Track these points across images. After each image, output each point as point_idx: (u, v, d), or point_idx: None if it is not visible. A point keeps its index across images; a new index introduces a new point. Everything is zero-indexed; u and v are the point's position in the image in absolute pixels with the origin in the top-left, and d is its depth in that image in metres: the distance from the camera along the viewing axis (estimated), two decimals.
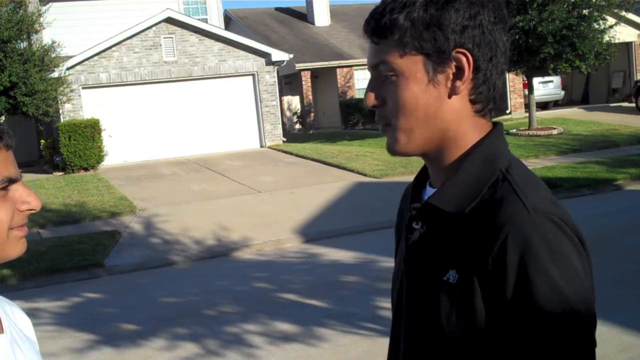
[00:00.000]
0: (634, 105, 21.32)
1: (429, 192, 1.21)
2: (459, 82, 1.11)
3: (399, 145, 1.16)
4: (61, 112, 17.74)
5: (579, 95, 26.18)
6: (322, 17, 28.25)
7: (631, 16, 21.96)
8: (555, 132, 17.62)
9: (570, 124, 19.20)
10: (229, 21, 28.09)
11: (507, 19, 1.16)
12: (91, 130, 17.15)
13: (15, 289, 8.09)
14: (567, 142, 16.32)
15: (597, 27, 16.56)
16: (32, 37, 16.35)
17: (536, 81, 21.03)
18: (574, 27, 16.03)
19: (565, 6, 16.27)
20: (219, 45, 19.48)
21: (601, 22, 16.67)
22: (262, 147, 19.82)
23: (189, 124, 19.29)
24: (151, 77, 18.87)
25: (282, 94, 24.93)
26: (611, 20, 17.55)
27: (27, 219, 1.18)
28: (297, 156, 17.06)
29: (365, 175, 13.69)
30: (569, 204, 9.62)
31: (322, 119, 26.57)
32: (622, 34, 19.89)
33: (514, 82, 22.33)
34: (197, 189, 13.77)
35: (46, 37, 17.73)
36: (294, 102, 27.21)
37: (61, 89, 16.63)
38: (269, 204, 11.98)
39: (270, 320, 6.16)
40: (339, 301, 6.57)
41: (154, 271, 8.76)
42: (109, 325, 6.51)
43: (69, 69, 17.60)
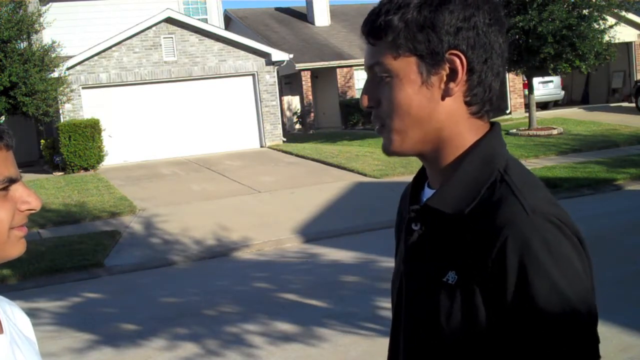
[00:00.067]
0: (634, 105, 21.31)
1: (428, 193, 1.21)
2: (452, 84, 1.11)
3: (393, 145, 1.17)
4: (61, 112, 17.75)
5: (579, 95, 26.17)
6: (322, 17, 28.25)
7: (631, 16, 21.96)
8: (555, 132, 17.62)
9: (570, 124, 19.20)
10: (229, 21, 28.09)
11: (503, 20, 1.15)
12: (91, 130, 17.15)
13: (15, 289, 8.09)
14: (567, 142, 16.32)
15: (597, 27, 16.56)
16: (32, 37, 16.36)
17: (536, 81, 21.02)
18: (574, 27, 16.04)
19: (565, 6, 16.27)
20: (219, 45, 19.48)
21: (601, 22, 16.67)
22: (262, 147, 19.83)
23: (189, 124, 19.29)
24: (151, 77, 18.87)
25: (282, 94, 24.93)
26: (611, 20, 17.55)
27: (27, 219, 1.18)
28: (297, 156, 17.06)
29: (365, 175, 13.69)
30: (569, 204, 9.62)
31: (322, 119, 26.57)
32: (622, 34, 19.89)
33: (514, 82, 22.33)
34: (197, 189, 13.77)
35: (46, 37, 17.74)
36: (294, 102, 27.21)
37: (61, 89, 16.64)
38: (269, 204, 11.99)
39: (270, 320, 6.16)
40: (339, 301, 6.57)
41: (154, 271, 8.76)
42: (109, 325, 6.51)
43: (69, 69, 17.60)
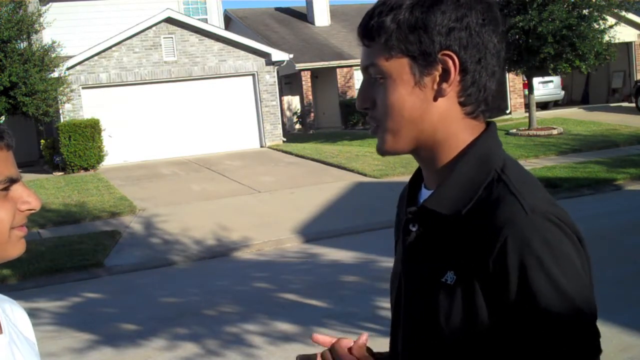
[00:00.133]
0: (634, 105, 21.31)
1: (425, 194, 1.21)
2: (445, 85, 1.11)
3: (386, 145, 1.17)
4: (61, 112, 17.75)
5: (579, 95, 26.16)
6: (322, 17, 28.25)
7: (631, 16, 21.96)
8: (555, 132, 17.62)
9: (570, 124, 19.19)
10: (229, 21, 28.09)
11: (498, 20, 1.14)
12: (91, 130, 17.15)
13: (15, 289, 8.09)
14: (567, 142, 16.32)
15: (597, 27, 16.56)
16: (32, 37, 16.36)
17: (536, 81, 21.01)
18: (574, 27, 16.03)
19: (565, 6, 16.27)
20: (219, 45, 19.48)
21: (601, 22, 16.66)
22: (262, 147, 19.83)
23: (189, 124, 19.29)
24: (151, 77, 18.87)
25: (282, 94, 24.93)
26: (611, 20, 17.55)
27: (26, 219, 1.18)
28: (297, 156, 17.06)
29: (365, 175, 13.69)
30: (569, 204, 9.62)
31: (322, 119, 26.56)
32: (622, 34, 19.89)
33: (514, 82, 22.32)
34: (197, 189, 13.77)
35: (46, 37, 17.73)
36: (294, 102, 27.21)
37: (61, 89, 16.64)
38: (269, 204, 11.99)
39: (270, 320, 6.16)
40: (339, 301, 6.57)
41: (154, 271, 8.76)
42: (109, 325, 6.51)
43: (69, 69, 17.60)
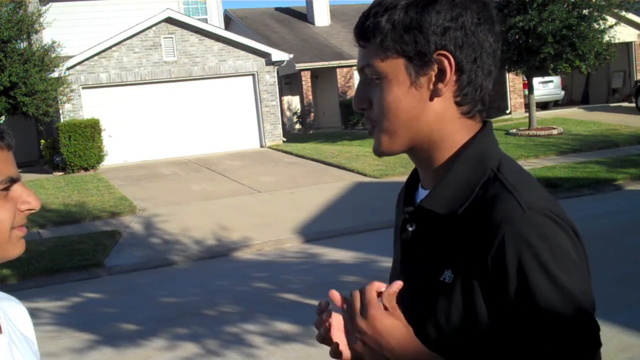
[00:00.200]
0: (634, 105, 21.30)
1: (422, 194, 1.21)
2: (441, 85, 1.11)
3: (382, 146, 1.17)
4: (61, 112, 17.75)
5: (579, 95, 26.15)
6: (322, 17, 28.25)
7: (631, 16, 21.95)
8: (555, 132, 17.62)
9: (570, 124, 19.19)
10: (229, 21, 28.09)
11: (494, 19, 1.14)
12: (91, 130, 17.15)
13: (15, 289, 8.08)
14: (567, 142, 16.31)
15: (597, 27, 16.56)
16: (32, 37, 16.36)
17: (536, 81, 21.00)
18: (574, 27, 16.03)
19: (565, 6, 16.27)
20: (219, 45, 19.48)
21: (601, 22, 16.66)
22: (262, 147, 19.82)
23: (189, 124, 19.29)
24: (151, 77, 18.87)
25: (282, 94, 24.93)
26: (611, 20, 17.54)
27: (26, 219, 1.18)
28: (297, 156, 17.06)
29: (365, 175, 13.69)
30: (568, 204, 9.61)
31: (322, 119, 26.56)
32: (622, 34, 19.88)
33: (514, 82, 22.31)
34: (197, 189, 13.77)
35: (46, 37, 17.74)
36: (294, 102, 27.21)
37: (61, 89, 16.64)
38: (269, 204, 11.99)
39: (270, 320, 6.16)
40: None
41: (154, 271, 8.76)
42: (109, 325, 6.51)
43: (69, 69, 17.60)
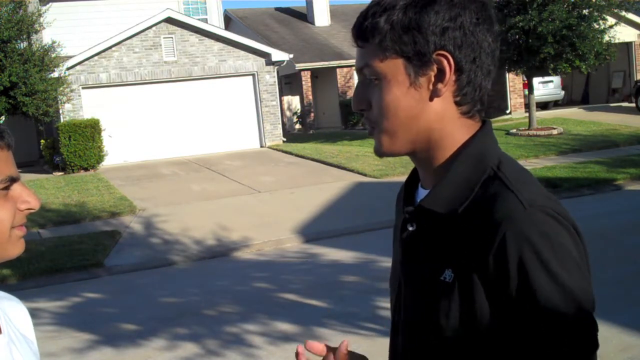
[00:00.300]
0: (634, 105, 21.30)
1: (421, 194, 1.21)
2: (440, 85, 1.11)
3: (383, 147, 1.17)
4: (61, 112, 17.75)
5: (579, 95, 26.15)
6: (322, 17, 28.26)
7: (631, 16, 21.95)
8: (555, 132, 17.61)
9: (570, 124, 19.19)
10: (229, 21, 28.09)
11: (492, 18, 1.14)
12: (91, 130, 17.15)
13: (15, 289, 8.08)
14: (567, 142, 16.31)
15: (597, 27, 16.56)
16: (32, 37, 16.36)
17: (536, 81, 21.01)
18: (574, 27, 16.03)
19: (565, 6, 16.27)
20: (219, 45, 19.48)
21: (601, 22, 16.66)
22: (262, 147, 19.82)
23: (189, 124, 19.29)
24: (151, 77, 18.87)
25: (282, 94, 24.93)
26: (611, 20, 17.55)
27: (26, 219, 1.18)
28: (297, 156, 17.06)
29: (365, 175, 13.69)
30: (569, 204, 9.62)
31: (322, 119, 26.57)
32: (622, 34, 19.88)
33: (514, 82, 22.31)
34: (197, 189, 13.77)
35: (46, 37, 17.74)
36: (294, 102, 27.21)
37: (61, 89, 16.64)
38: (269, 204, 11.99)
39: (270, 320, 6.17)
40: (339, 301, 6.57)
41: (154, 271, 8.76)
42: (109, 325, 6.51)
43: (69, 69, 17.60)
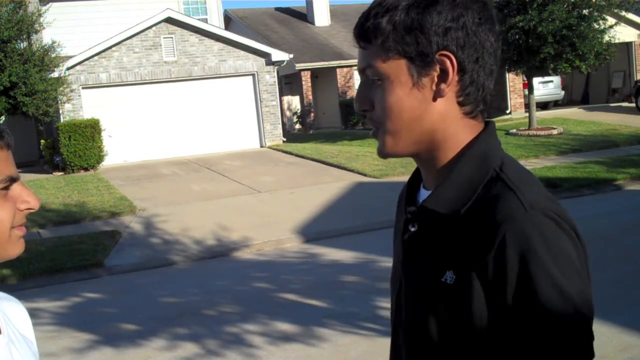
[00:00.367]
0: (634, 105, 21.30)
1: (423, 195, 1.21)
2: (443, 85, 1.11)
3: (387, 148, 1.17)
4: (61, 112, 17.74)
5: (579, 95, 26.15)
6: (322, 17, 28.26)
7: (631, 16, 21.95)
8: (555, 132, 17.61)
9: (570, 124, 19.19)
10: (229, 21, 28.09)
11: (494, 18, 1.15)
12: (91, 130, 17.15)
13: (15, 289, 8.08)
14: (567, 142, 16.31)
15: (597, 27, 16.55)
16: (32, 37, 16.35)
17: (536, 81, 21.00)
18: (574, 27, 16.03)
19: (565, 6, 16.27)
20: (219, 45, 19.48)
21: (601, 22, 16.66)
22: (262, 147, 19.82)
23: (189, 124, 19.29)
24: (151, 77, 18.87)
25: (282, 94, 24.92)
26: (611, 20, 17.55)
27: (25, 219, 1.18)
28: (297, 156, 17.06)
29: (365, 175, 13.69)
30: (569, 204, 9.62)
31: (322, 119, 26.56)
32: (622, 34, 19.88)
33: (514, 82, 22.31)
34: (197, 189, 13.77)
35: (46, 37, 17.73)
36: (294, 102, 27.21)
37: (61, 89, 16.63)
38: (269, 204, 11.98)
39: (270, 320, 6.17)
40: (339, 301, 6.57)
41: (154, 271, 8.76)
42: (109, 325, 6.51)
43: (69, 69, 17.60)
